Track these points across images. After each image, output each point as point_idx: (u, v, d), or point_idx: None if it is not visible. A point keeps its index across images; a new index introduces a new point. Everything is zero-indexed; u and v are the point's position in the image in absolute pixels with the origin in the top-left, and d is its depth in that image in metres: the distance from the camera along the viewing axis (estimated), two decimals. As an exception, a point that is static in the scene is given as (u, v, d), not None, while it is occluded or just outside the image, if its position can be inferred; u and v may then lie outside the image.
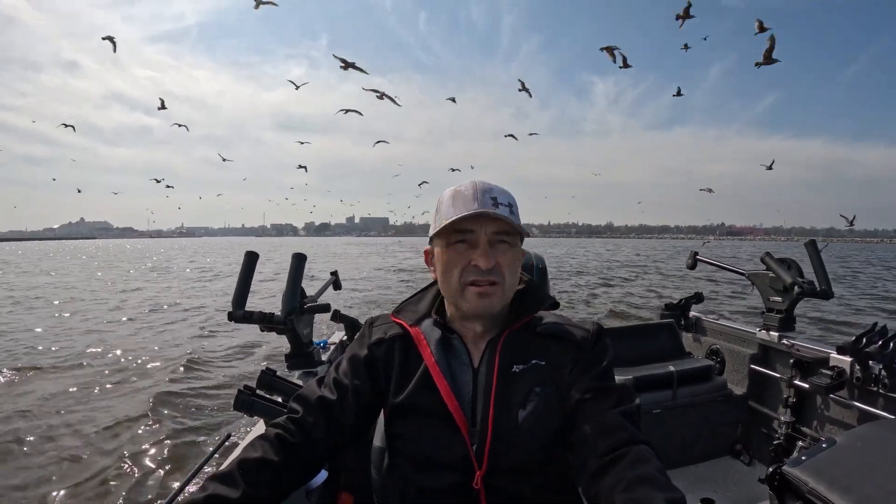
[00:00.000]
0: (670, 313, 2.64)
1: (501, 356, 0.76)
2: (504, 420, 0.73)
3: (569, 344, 0.78)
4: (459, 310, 0.78)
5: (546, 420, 0.73)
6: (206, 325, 7.68)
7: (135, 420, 3.83)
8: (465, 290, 0.74)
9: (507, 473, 0.72)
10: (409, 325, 0.81)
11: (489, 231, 0.73)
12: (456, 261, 0.74)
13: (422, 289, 0.90)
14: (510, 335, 0.78)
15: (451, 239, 0.75)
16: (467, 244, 0.74)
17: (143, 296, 11.76)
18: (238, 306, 1.55)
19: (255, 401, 1.02)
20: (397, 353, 0.80)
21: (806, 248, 2.13)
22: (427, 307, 0.85)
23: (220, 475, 0.67)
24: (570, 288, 12.88)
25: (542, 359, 0.77)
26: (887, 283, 15.70)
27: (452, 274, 0.75)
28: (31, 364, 5.28)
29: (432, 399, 0.74)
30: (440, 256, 0.77)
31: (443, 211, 0.76)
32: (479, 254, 0.73)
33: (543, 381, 0.75)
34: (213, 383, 4.70)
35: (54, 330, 7.32)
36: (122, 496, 2.78)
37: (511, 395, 0.74)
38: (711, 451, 2.18)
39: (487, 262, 0.72)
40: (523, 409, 0.73)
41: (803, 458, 0.98)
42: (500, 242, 0.74)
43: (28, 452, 3.29)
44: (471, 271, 0.73)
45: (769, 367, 2.20)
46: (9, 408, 4.00)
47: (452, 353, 0.78)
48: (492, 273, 0.73)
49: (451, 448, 0.73)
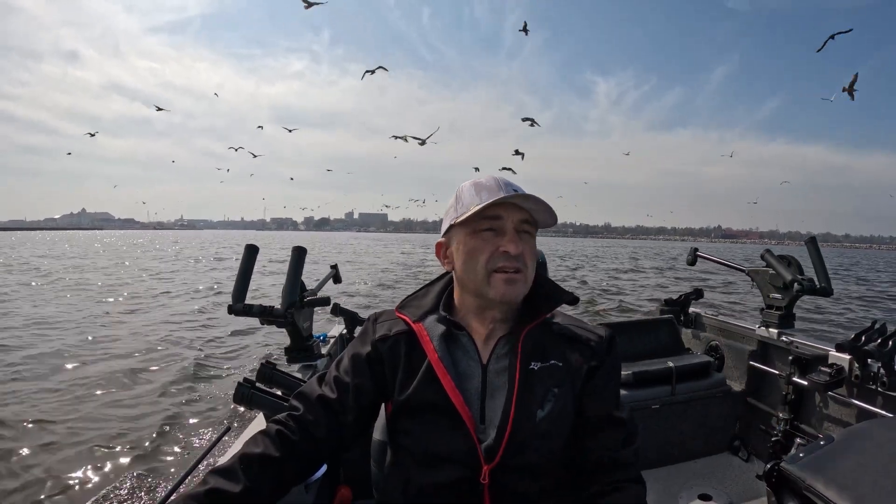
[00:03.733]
0: (670, 309, 2.64)
1: (523, 352, 0.76)
2: (523, 418, 0.72)
3: (584, 348, 0.79)
4: (483, 298, 0.77)
5: (562, 422, 0.74)
6: (208, 317, 7.70)
7: (135, 411, 3.85)
8: (492, 276, 0.74)
9: (515, 472, 0.72)
10: (412, 322, 0.81)
11: (516, 219, 0.74)
12: (482, 248, 0.74)
13: (427, 283, 0.89)
14: (530, 332, 0.78)
15: (479, 226, 0.75)
16: (494, 231, 0.74)
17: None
18: (238, 299, 1.55)
19: (255, 394, 1.03)
20: (402, 350, 0.79)
21: (806, 246, 2.12)
22: (432, 302, 0.84)
23: (220, 469, 0.67)
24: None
25: (559, 359, 0.77)
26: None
27: (478, 261, 0.74)
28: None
29: (437, 395, 0.74)
30: (463, 244, 0.76)
31: (466, 200, 0.76)
32: (509, 239, 0.73)
33: (561, 383, 0.75)
34: (213, 376, 4.73)
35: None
36: (122, 487, 2.80)
37: (531, 394, 0.74)
38: (710, 447, 2.19)
39: (517, 248, 0.73)
40: (542, 410, 0.73)
41: (801, 455, 0.98)
42: (524, 232, 0.76)
43: (22, 443, 3.30)
44: (498, 258, 0.74)
45: (768, 363, 2.20)
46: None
47: (459, 349, 0.78)
48: (518, 260, 0.74)
49: (456, 444, 0.72)
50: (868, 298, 11.48)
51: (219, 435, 1.05)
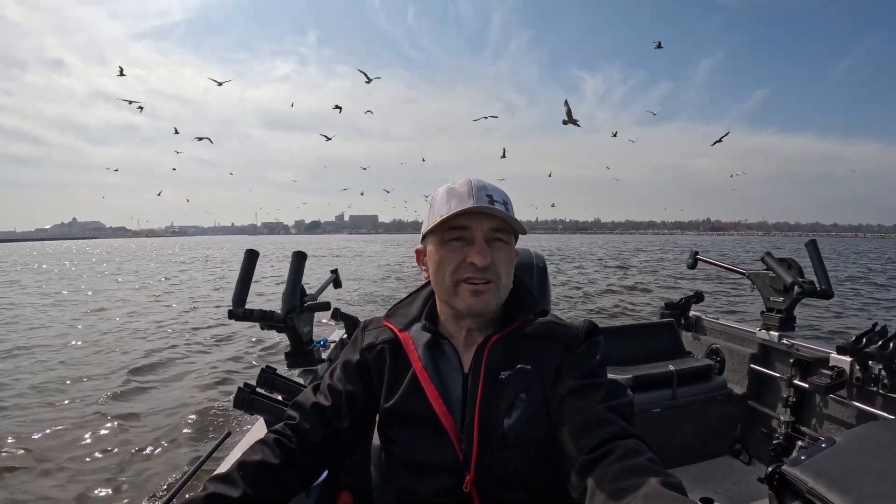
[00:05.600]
0: (670, 312, 2.64)
1: (488, 362, 0.74)
2: (490, 428, 0.71)
3: (557, 344, 0.75)
4: (452, 308, 0.76)
5: (532, 428, 0.71)
6: (210, 321, 7.69)
7: (134, 416, 3.84)
8: (459, 287, 0.72)
9: (496, 480, 0.71)
10: (398, 330, 0.80)
11: (485, 228, 0.72)
12: (450, 258, 0.72)
13: (413, 291, 0.89)
14: (498, 340, 0.75)
15: (446, 236, 0.73)
16: (463, 241, 0.72)
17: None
18: (238, 304, 1.55)
19: (255, 399, 1.02)
20: (388, 358, 0.79)
21: (806, 248, 2.12)
22: (417, 311, 0.83)
23: (220, 476, 0.67)
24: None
25: (527, 362, 0.74)
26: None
27: (445, 272, 0.73)
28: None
29: (421, 404, 0.73)
30: (433, 254, 0.75)
31: (437, 208, 0.74)
32: (476, 251, 0.71)
33: (529, 387, 0.73)
34: (214, 381, 4.71)
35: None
36: (122, 493, 2.79)
37: (497, 403, 0.72)
38: (711, 451, 2.18)
39: (483, 260, 0.70)
40: (508, 418, 0.71)
41: (803, 458, 0.98)
42: (496, 240, 0.73)
43: (22, 450, 3.29)
44: (465, 269, 0.71)
45: (769, 366, 2.20)
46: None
47: (442, 358, 0.77)
48: (487, 271, 0.71)
49: (441, 452, 0.72)
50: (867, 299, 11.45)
51: (219, 440, 1.05)
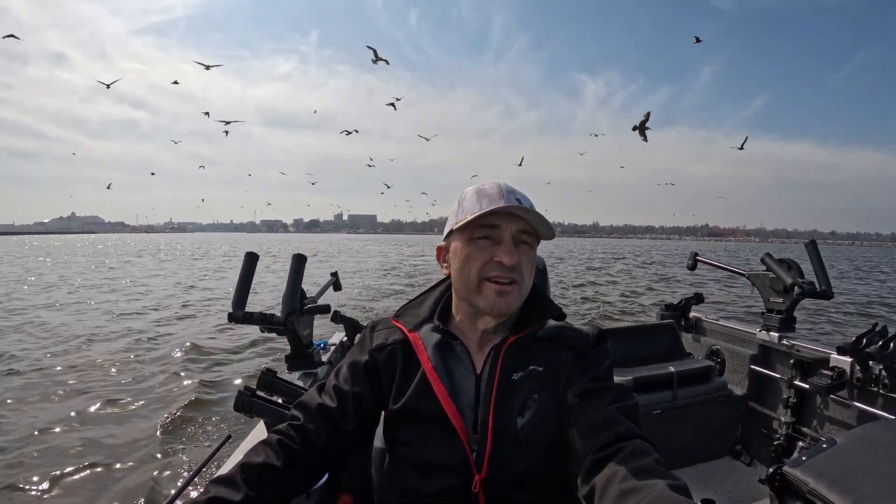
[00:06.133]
0: (670, 314, 2.64)
1: (503, 364, 0.75)
2: (503, 428, 0.72)
3: (568, 348, 0.77)
4: (473, 307, 0.77)
5: (543, 429, 0.73)
6: (210, 325, 7.67)
7: (133, 419, 3.83)
8: (483, 285, 0.74)
9: (506, 480, 0.72)
10: (408, 331, 0.81)
11: (514, 229, 0.73)
12: (477, 255, 0.73)
13: (424, 291, 0.89)
14: (514, 343, 0.77)
15: (476, 234, 0.74)
16: (491, 241, 0.73)
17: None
18: (238, 307, 1.55)
19: (256, 402, 1.02)
20: (399, 359, 0.79)
21: (806, 249, 2.13)
22: (428, 311, 0.84)
23: (222, 478, 0.67)
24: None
25: (540, 364, 0.76)
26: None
27: (471, 268, 0.74)
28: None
29: (431, 404, 0.74)
30: (459, 251, 0.76)
31: (466, 206, 0.75)
32: (504, 250, 0.72)
33: (541, 388, 0.75)
34: (214, 384, 4.70)
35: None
36: (122, 497, 2.78)
37: (511, 403, 0.73)
38: (712, 452, 2.18)
39: (511, 259, 0.72)
40: (522, 417, 0.73)
41: (804, 459, 0.98)
42: (523, 242, 0.75)
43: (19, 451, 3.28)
44: (492, 267, 0.73)
45: (769, 367, 2.20)
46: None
47: (453, 358, 0.78)
48: (513, 271, 0.73)
49: (450, 453, 0.73)
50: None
51: (219, 443, 1.05)
